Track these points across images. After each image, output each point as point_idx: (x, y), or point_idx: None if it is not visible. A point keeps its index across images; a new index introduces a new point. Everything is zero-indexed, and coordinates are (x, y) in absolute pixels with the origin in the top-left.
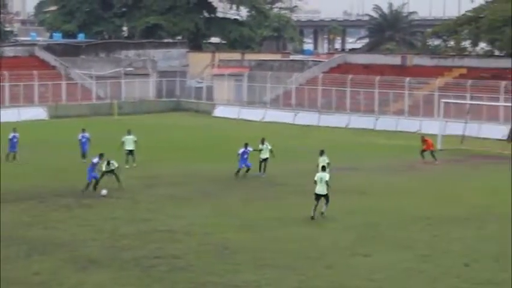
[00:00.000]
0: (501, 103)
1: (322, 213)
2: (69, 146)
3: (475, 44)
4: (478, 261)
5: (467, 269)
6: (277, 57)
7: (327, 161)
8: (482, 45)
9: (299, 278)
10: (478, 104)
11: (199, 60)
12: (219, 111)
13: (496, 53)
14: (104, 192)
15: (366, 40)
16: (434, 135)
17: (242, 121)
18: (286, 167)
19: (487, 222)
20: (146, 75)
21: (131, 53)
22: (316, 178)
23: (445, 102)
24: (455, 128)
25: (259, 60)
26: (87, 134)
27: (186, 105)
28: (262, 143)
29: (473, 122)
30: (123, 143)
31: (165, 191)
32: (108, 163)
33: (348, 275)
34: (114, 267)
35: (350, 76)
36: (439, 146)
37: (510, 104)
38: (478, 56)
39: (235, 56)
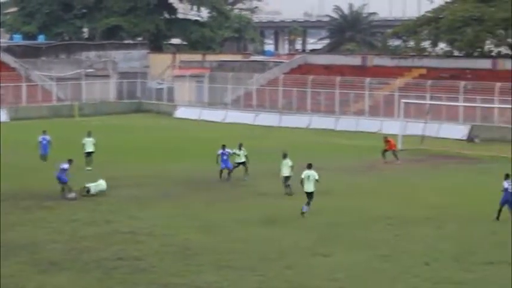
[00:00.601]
0: (460, 103)
1: (303, 213)
2: (30, 148)
3: (434, 44)
4: (438, 261)
5: (427, 268)
6: (238, 58)
7: (290, 163)
8: (442, 46)
9: (259, 279)
10: (437, 104)
11: (160, 62)
12: (180, 113)
13: (456, 53)
14: (73, 195)
15: (327, 41)
16: (394, 135)
17: (203, 122)
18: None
19: (447, 222)
20: (107, 76)
21: (92, 54)
22: (303, 176)
23: (405, 103)
24: (416, 128)
25: (220, 61)
26: (47, 137)
27: (147, 107)
28: (240, 148)
29: (433, 122)
30: (83, 145)
31: (126, 193)
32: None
33: (308, 275)
34: (75, 269)
35: (311, 77)
36: (399, 146)
37: (469, 104)
38: (438, 56)
39: (196, 57)
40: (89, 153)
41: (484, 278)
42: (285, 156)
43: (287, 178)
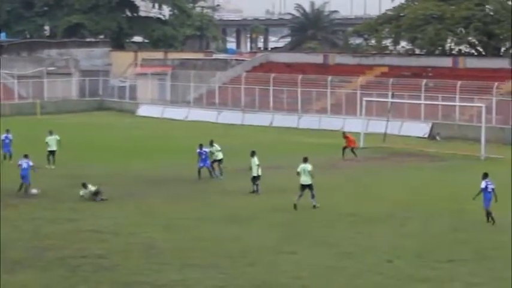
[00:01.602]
0: (422, 101)
1: (314, 206)
2: None
3: (396, 42)
4: (401, 258)
5: (390, 266)
6: (200, 56)
7: (257, 162)
8: (403, 44)
9: (223, 277)
10: (399, 102)
11: (122, 60)
12: (143, 111)
13: (417, 51)
14: (35, 191)
15: (288, 39)
16: (357, 133)
17: (166, 120)
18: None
19: (409, 219)
20: (69, 74)
21: (53, 52)
22: (299, 169)
23: (367, 101)
24: (378, 126)
25: (182, 59)
26: (10, 135)
27: (109, 105)
28: (211, 145)
29: (395, 120)
30: (46, 143)
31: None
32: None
33: (272, 272)
34: (39, 267)
35: (273, 75)
36: (361, 144)
37: (431, 102)
38: (399, 54)
39: (158, 55)
40: (52, 152)
41: (446, 275)
42: (253, 154)
43: (256, 178)
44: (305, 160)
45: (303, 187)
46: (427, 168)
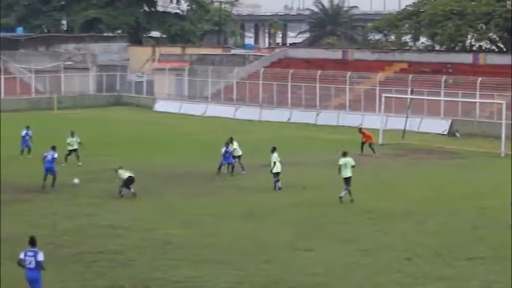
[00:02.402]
0: (442, 98)
1: (340, 198)
2: (10, 140)
3: (415, 38)
4: (420, 256)
5: (408, 263)
6: (218, 51)
7: (279, 158)
8: (423, 40)
9: (238, 274)
10: (418, 99)
11: (139, 55)
12: (160, 106)
13: (437, 47)
14: (76, 181)
15: (307, 34)
16: (375, 130)
17: (183, 115)
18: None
19: (428, 217)
20: (86, 69)
21: (71, 46)
22: (340, 163)
23: (386, 97)
24: (397, 122)
25: (200, 54)
26: (30, 132)
27: (126, 100)
28: (231, 142)
29: (414, 116)
30: (68, 145)
31: (105, 187)
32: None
33: (288, 269)
34: (55, 263)
35: (291, 71)
36: (380, 141)
37: (451, 99)
38: (419, 50)
39: (176, 50)
40: (73, 150)
41: (465, 273)
42: (273, 150)
43: (277, 174)
44: (344, 154)
45: (346, 180)
46: (446, 166)
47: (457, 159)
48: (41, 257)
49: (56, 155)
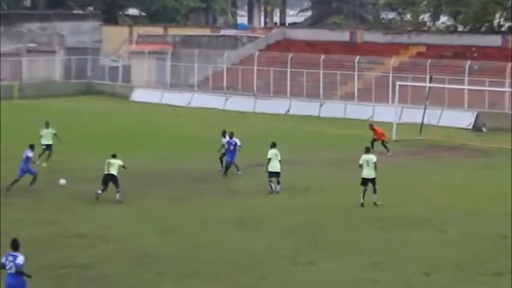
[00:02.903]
0: (465, 86)
1: (375, 203)
2: None
3: (435, 17)
4: (439, 270)
5: (426, 279)
6: (206, 32)
7: (279, 156)
8: (444, 20)
9: None
10: (438, 88)
11: (114, 35)
12: (138, 95)
13: (460, 28)
14: (63, 181)
15: (309, 13)
16: (388, 124)
17: (165, 106)
18: (213, 161)
19: (449, 224)
20: (52, 52)
21: (34, 26)
22: (361, 161)
23: (401, 85)
24: (413, 115)
25: (185, 35)
26: None
27: (99, 88)
28: (224, 136)
29: (433, 108)
30: (41, 137)
31: (74, 189)
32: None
33: (286, 286)
34: None
35: (290, 54)
36: (394, 136)
37: (476, 88)
38: (439, 31)
39: (157, 30)
40: (47, 146)
41: None
42: (273, 145)
43: (277, 174)
44: (367, 150)
45: (366, 181)
46: (470, 165)
47: (483, 157)
48: (20, 260)
49: (30, 154)
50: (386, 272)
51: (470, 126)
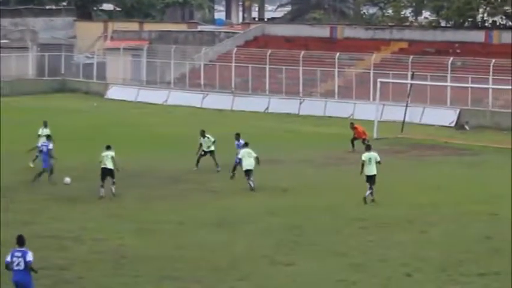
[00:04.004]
0: (448, 83)
1: (372, 200)
2: None
3: (417, 12)
4: (421, 271)
5: (409, 281)
6: (183, 27)
7: (254, 154)
8: (426, 15)
9: None
10: (421, 85)
11: (89, 31)
12: (113, 93)
13: (442, 23)
14: (68, 180)
15: (288, 8)
16: (369, 121)
17: (141, 104)
18: (190, 160)
19: (432, 225)
20: (24, 48)
21: (6, 21)
22: (364, 158)
23: (382, 82)
24: (395, 112)
25: (161, 31)
26: None
27: (73, 85)
28: (203, 136)
29: (415, 105)
30: (38, 136)
31: (48, 189)
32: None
33: (266, 287)
34: None
35: (269, 51)
36: (375, 135)
37: (459, 84)
38: (421, 27)
39: (133, 26)
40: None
41: None
42: (246, 144)
43: (250, 172)
44: (368, 148)
45: (369, 178)
46: (453, 164)
47: (466, 156)
48: (30, 257)
49: (50, 146)
50: (367, 273)
51: (453, 124)
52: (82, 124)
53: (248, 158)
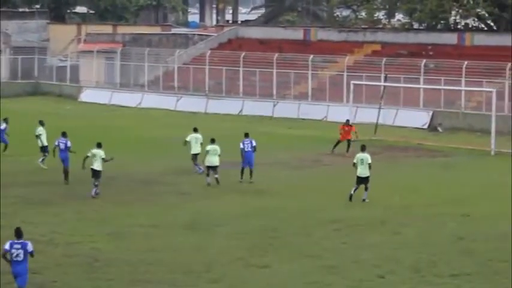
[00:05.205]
0: (421, 85)
1: (364, 200)
2: None
3: (390, 15)
4: (395, 273)
5: (381, 282)
6: (156, 30)
7: (218, 152)
8: (399, 17)
9: None
10: (394, 87)
11: (62, 34)
12: (87, 96)
13: (415, 25)
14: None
15: (262, 10)
16: (342, 123)
17: (114, 107)
18: (164, 163)
19: (405, 226)
20: None
21: None
22: (355, 160)
23: (356, 84)
24: (368, 114)
25: (135, 34)
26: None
27: (46, 88)
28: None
29: (388, 107)
30: (37, 136)
31: (21, 192)
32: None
33: None
34: None
35: (243, 53)
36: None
37: (432, 86)
38: (394, 29)
39: (106, 29)
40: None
41: None
42: (212, 141)
43: (215, 168)
44: (363, 149)
45: (360, 180)
46: (426, 166)
47: (439, 157)
48: (30, 247)
49: (68, 143)
50: (340, 275)
51: (426, 126)
52: (55, 127)
53: (213, 155)
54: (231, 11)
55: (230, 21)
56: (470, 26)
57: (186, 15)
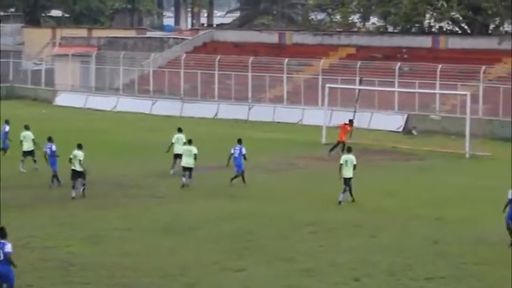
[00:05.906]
0: (396, 88)
1: (340, 202)
2: None
3: (365, 18)
4: (370, 276)
5: (357, 285)
6: (132, 34)
7: (195, 151)
8: (374, 20)
9: None
10: (368, 90)
11: (37, 38)
12: (62, 99)
13: (390, 29)
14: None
15: (237, 14)
16: (318, 127)
17: (89, 111)
18: (139, 167)
19: (381, 229)
20: None
21: None
22: (341, 161)
23: (331, 88)
24: (343, 117)
25: (110, 37)
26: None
27: (21, 92)
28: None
29: (363, 111)
30: (21, 141)
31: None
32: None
33: None
34: None
35: (218, 56)
36: (323, 140)
37: (406, 90)
38: (369, 32)
39: (81, 32)
40: (29, 153)
41: None
42: (189, 141)
43: (189, 169)
44: (349, 150)
45: (344, 180)
46: (401, 169)
47: (414, 160)
48: (8, 248)
49: (53, 147)
50: (315, 278)
51: (401, 129)
52: (32, 131)
53: (187, 156)
54: (206, 15)
55: (205, 25)
56: (444, 29)
57: (161, 19)
